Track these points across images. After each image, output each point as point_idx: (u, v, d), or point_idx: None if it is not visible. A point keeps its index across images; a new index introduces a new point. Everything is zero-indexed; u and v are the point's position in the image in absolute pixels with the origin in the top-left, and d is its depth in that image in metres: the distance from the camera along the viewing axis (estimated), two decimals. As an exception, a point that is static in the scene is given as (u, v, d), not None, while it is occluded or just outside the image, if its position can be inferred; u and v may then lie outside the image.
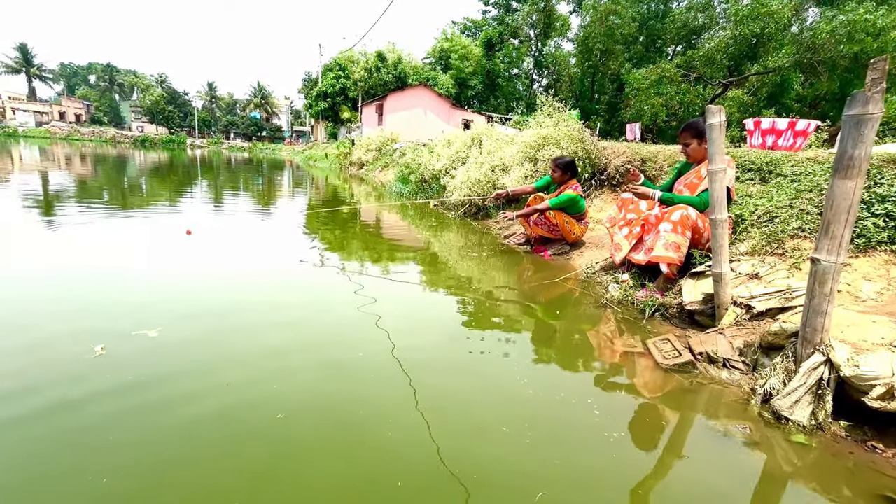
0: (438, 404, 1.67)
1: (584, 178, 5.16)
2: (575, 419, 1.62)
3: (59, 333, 2.05)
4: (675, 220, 2.56)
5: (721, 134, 2.09)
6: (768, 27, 13.18)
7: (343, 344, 2.13)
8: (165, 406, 1.56)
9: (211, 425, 1.47)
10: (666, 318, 2.56)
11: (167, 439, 1.40)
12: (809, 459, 1.47)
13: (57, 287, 2.67)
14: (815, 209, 2.50)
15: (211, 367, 1.84)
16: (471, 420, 1.59)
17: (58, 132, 41.13)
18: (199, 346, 2.01)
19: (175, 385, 1.70)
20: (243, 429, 1.47)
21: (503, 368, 1.99)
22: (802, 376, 1.59)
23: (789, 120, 4.63)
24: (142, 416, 1.50)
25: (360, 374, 1.86)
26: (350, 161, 17.46)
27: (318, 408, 1.61)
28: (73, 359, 1.81)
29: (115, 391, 1.62)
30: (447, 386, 1.82)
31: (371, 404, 1.64)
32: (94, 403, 1.54)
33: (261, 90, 60.90)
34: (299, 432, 1.47)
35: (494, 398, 1.75)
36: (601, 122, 19.15)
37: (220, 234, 4.59)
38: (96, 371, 1.73)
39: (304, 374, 1.83)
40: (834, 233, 1.50)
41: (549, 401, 1.73)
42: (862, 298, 2.01)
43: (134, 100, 63.52)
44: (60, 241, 3.80)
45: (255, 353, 1.98)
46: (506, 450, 1.43)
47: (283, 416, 1.54)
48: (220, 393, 1.65)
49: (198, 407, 1.56)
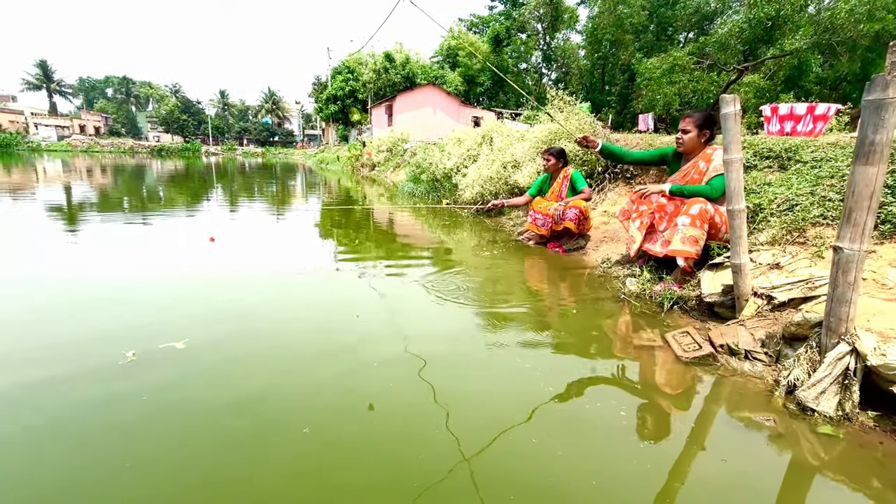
0: (455, 400, 1.69)
1: (597, 171, 5.12)
2: (598, 416, 1.63)
3: (88, 341, 2.13)
4: (693, 213, 2.53)
5: (736, 123, 2.06)
6: (784, 9, 12.85)
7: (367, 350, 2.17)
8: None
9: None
10: (685, 311, 2.54)
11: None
12: (837, 450, 1.45)
13: (83, 298, 2.77)
14: (837, 196, 2.45)
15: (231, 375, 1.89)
16: (489, 416, 1.61)
17: (79, 145, 42.35)
18: (222, 354, 2.07)
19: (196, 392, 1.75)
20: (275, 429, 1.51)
21: (519, 364, 2.00)
22: (828, 367, 1.56)
23: (808, 104, 4.52)
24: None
25: (382, 381, 1.89)
26: (362, 163, 17.59)
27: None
28: (104, 364, 1.89)
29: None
30: (465, 385, 1.85)
31: (399, 414, 1.67)
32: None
33: (271, 96, 61.73)
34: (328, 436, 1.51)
35: (512, 395, 1.77)
36: (613, 114, 18.91)
37: (243, 241, 4.69)
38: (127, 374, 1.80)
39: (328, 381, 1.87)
40: (856, 220, 1.47)
41: (572, 399, 1.74)
42: (889, 286, 1.96)
43: (149, 110, 65.05)
44: (88, 251, 3.93)
45: (276, 357, 2.03)
46: (528, 453, 1.44)
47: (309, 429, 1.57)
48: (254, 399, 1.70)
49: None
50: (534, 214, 4.29)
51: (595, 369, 1.98)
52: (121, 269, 3.33)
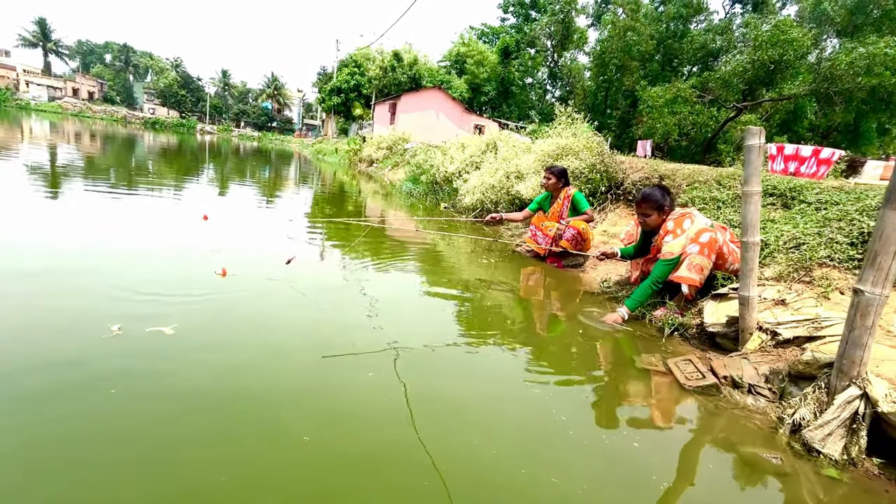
0: (428, 404, 1.63)
1: (600, 191, 5.12)
2: (597, 440, 1.58)
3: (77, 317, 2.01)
4: (703, 241, 2.52)
5: (759, 156, 2.05)
6: (787, 54, 13.17)
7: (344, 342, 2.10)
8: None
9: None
10: (685, 339, 2.52)
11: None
12: (840, 495, 1.42)
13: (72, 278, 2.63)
14: (846, 239, 2.46)
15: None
16: (471, 426, 1.55)
17: (70, 108, 41.27)
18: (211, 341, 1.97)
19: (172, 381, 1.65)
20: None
21: (509, 374, 1.95)
22: (837, 409, 1.54)
23: (814, 147, 4.60)
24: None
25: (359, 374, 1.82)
26: (360, 158, 17.46)
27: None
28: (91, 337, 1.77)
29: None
30: (444, 391, 1.78)
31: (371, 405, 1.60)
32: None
33: (274, 81, 61.11)
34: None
35: (499, 406, 1.71)
36: (612, 137, 19.13)
37: (237, 220, 4.56)
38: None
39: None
40: (881, 265, 1.46)
41: (562, 410, 1.69)
42: (894, 333, 1.97)
43: (147, 82, 63.81)
44: (78, 224, 3.77)
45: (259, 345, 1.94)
46: (506, 459, 1.39)
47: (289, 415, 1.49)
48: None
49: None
50: (534, 230, 4.25)
51: (589, 386, 1.94)
52: (114, 244, 3.19)
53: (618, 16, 20.34)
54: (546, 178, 4.20)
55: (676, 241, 2.60)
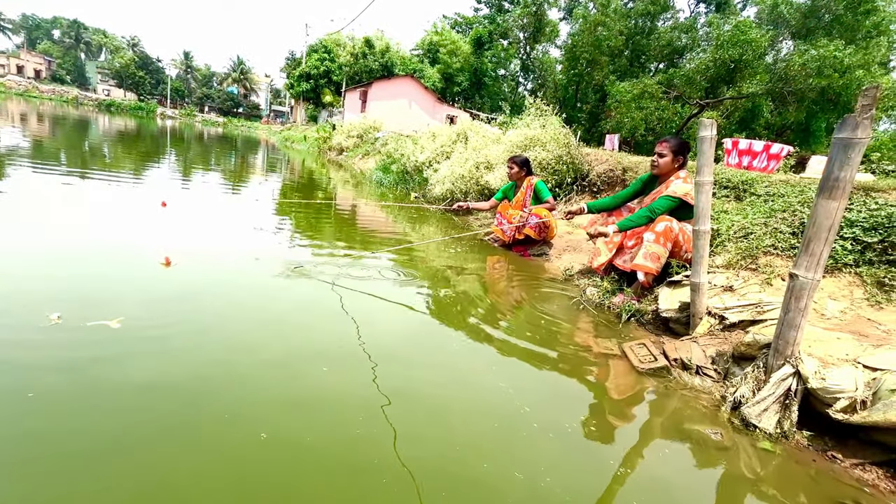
0: (400, 390, 1.64)
1: (567, 182, 5.22)
2: (549, 420, 1.63)
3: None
4: (658, 230, 2.62)
5: (711, 147, 2.14)
6: (746, 54, 13.72)
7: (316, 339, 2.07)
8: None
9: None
10: (641, 324, 2.62)
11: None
12: (774, 466, 1.52)
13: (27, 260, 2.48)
14: (788, 229, 2.61)
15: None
16: (436, 418, 1.57)
17: (14, 87, 38.46)
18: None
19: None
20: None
21: (473, 363, 1.98)
22: (772, 386, 1.65)
23: (765, 143, 4.83)
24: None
25: (328, 362, 1.80)
26: (329, 146, 17.10)
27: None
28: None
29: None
30: (414, 377, 1.80)
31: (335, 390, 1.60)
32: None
33: (240, 65, 58.83)
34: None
35: (464, 396, 1.74)
36: (582, 131, 19.47)
37: (196, 209, 4.39)
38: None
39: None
40: (814, 250, 1.56)
41: (526, 399, 1.73)
42: (827, 316, 2.11)
43: (101, 61, 60.07)
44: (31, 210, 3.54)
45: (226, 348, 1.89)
46: (471, 452, 1.41)
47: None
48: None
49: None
50: (500, 219, 4.31)
51: (551, 373, 1.99)
52: (66, 233, 3.02)
53: (589, 10, 20.59)
54: (510, 167, 4.29)
55: (685, 185, 2.74)
